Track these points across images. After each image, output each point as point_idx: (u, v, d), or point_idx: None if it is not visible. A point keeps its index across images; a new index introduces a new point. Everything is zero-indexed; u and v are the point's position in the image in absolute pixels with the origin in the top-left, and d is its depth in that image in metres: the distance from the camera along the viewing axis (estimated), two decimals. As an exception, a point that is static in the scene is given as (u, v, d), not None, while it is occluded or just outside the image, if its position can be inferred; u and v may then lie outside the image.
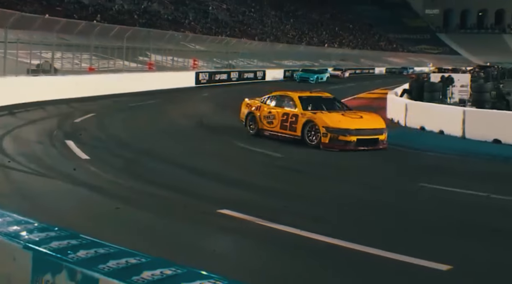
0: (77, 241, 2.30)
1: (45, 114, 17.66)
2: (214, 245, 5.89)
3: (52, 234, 2.40)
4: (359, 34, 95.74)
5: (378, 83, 43.23)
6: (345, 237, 6.04)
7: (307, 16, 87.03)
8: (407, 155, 12.91)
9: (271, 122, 13.85)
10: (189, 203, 7.55)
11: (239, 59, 47.15)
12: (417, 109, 17.99)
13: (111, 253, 2.13)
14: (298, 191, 8.56)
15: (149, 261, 2.05)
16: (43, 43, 24.14)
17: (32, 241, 2.34)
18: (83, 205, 7.29)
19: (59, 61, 25.46)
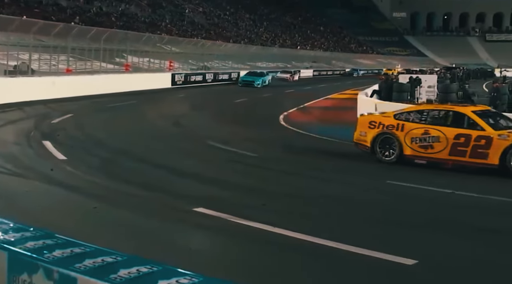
0: (53, 241, 2.25)
1: (22, 115, 17.38)
2: (190, 243, 5.86)
3: (27, 234, 2.35)
4: (331, 36, 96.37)
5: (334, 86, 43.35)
6: (316, 233, 6.06)
7: (280, 19, 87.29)
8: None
9: (430, 146, 10.72)
10: (166, 201, 7.50)
11: (214, 61, 47.03)
12: (386, 109, 18.10)
13: (87, 252, 2.09)
14: (273, 188, 8.56)
15: (125, 259, 2.02)
16: (20, 45, 23.76)
17: (7, 241, 2.28)
18: (60, 205, 7.18)
19: (37, 63, 25.10)
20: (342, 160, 11.92)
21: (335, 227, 6.56)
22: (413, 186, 9.02)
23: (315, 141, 14.73)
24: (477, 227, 6.77)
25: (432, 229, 6.60)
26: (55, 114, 17.42)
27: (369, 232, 6.43)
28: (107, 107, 21.00)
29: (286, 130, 16.87)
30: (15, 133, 13.40)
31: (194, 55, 42.82)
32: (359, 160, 11.94)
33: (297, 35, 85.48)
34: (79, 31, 28.11)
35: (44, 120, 15.97)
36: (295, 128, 17.06)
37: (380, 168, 11.02)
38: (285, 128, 17.41)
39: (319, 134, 15.79)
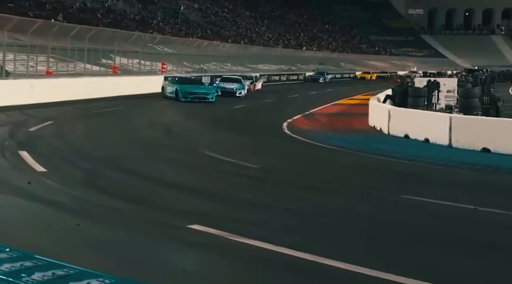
0: (32, 263, 2.23)
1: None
2: (185, 263, 5.83)
3: (3, 256, 2.33)
4: (339, 36, 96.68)
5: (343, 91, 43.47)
6: (319, 251, 6.04)
7: (283, 17, 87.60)
8: (389, 165, 13.01)
9: None
10: (157, 218, 7.47)
11: (211, 63, 47.16)
12: (400, 116, 18.19)
13: (71, 275, 2.08)
14: (276, 203, 8.54)
15: (113, 282, 2.00)
16: (-8, 43, 23.74)
17: (-20, 263, 2.26)
18: (39, 223, 7.15)
19: (12, 64, 25.12)
20: (352, 172, 11.91)
21: (344, 246, 6.53)
22: (431, 201, 9.00)
23: (322, 151, 14.74)
24: (502, 246, 6.74)
25: (451, 248, 6.56)
26: (33, 121, 17.42)
27: (380, 252, 6.40)
28: (92, 113, 21.02)
29: (290, 139, 16.89)
30: (-12, 142, 13.37)
31: (189, 57, 42.95)
32: (372, 172, 11.94)
33: (302, 34, 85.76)
34: (60, 28, 28.19)
35: (20, 128, 15.96)
36: (300, 137, 17.07)
37: (394, 181, 11.01)
38: (289, 136, 17.42)
39: (326, 143, 15.81)
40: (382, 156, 13.90)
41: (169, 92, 28.30)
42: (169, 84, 28.89)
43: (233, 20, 72.22)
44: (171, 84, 28.70)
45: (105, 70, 32.48)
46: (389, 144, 16.29)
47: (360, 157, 13.89)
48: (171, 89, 28.17)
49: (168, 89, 28.65)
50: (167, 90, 28.61)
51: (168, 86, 28.79)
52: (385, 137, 17.81)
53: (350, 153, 14.43)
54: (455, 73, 56.78)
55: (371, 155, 14.12)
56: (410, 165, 12.98)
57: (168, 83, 29.17)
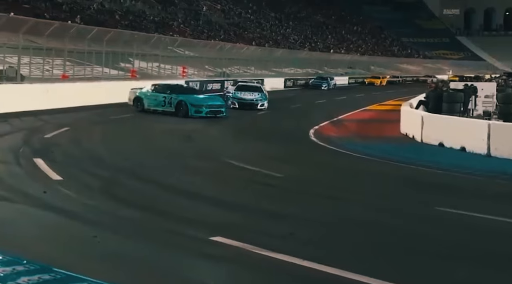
0: (50, 276, 2.25)
1: (9, 128, 17.60)
2: (207, 278, 5.85)
3: (20, 268, 2.35)
4: (369, 38, 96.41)
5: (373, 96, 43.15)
6: (347, 266, 6.02)
7: (310, 18, 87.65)
8: (422, 175, 12.91)
9: None
10: (178, 229, 7.50)
11: (234, 67, 47.33)
12: (435, 123, 18.05)
13: (89, 290, 2.10)
14: (302, 215, 8.53)
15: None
16: (7, 46, 24.09)
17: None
18: (54, 234, 7.23)
19: (27, 67, 25.45)
20: (383, 182, 11.84)
21: (373, 261, 6.49)
22: (468, 214, 8.90)
23: (350, 160, 14.69)
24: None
25: (490, 265, 6.48)
26: (49, 128, 17.63)
27: (411, 268, 6.37)
28: (109, 119, 21.21)
29: (316, 147, 16.86)
30: (0, 150, 13.56)
31: (211, 60, 43.15)
32: (404, 183, 11.85)
33: (330, 36, 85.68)
34: (77, 31, 28.54)
35: (36, 135, 16.17)
36: (327, 145, 17.04)
37: (428, 192, 10.92)
38: (315, 144, 17.39)
39: (355, 151, 15.76)
40: (415, 166, 13.80)
41: (156, 105, 22.96)
42: (153, 94, 23.30)
43: (257, 21, 72.47)
44: (157, 93, 23.18)
45: (123, 74, 32.77)
46: (422, 152, 16.17)
47: (391, 167, 13.81)
48: (160, 100, 22.85)
49: (151, 100, 23.19)
50: (150, 102, 23.21)
51: (152, 96, 23.25)
52: (418, 145, 17.67)
53: (380, 162, 14.35)
54: (494, 77, 56.18)
55: (402, 164, 14.03)
56: (445, 175, 12.86)
57: (152, 92, 23.42)
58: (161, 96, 23.06)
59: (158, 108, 23.02)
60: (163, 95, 23.01)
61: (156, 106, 23.11)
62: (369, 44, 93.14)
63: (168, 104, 22.67)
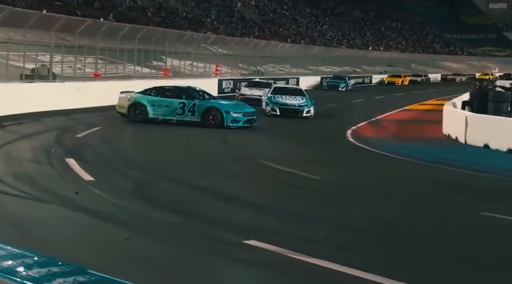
0: (85, 278, 2.30)
1: (41, 128, 17.91)
2: (241, 283, 5.87)
3: (55, 270, 2.41)
4: (410, 34, 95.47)
5: (412, 95, 42.64)
6: (386, 272, 5.99)
7: (348, 14, 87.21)
8: (466, 178, 12.75)
9: None
10: (211, 232, 7.55)
11: (269, 65, 47.32)
12: (480, 123, 17.80)
13: (125, 293, 2.13)
14: (339, 219, 8.51)
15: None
16: (39, 44, 24.42)
17: (32, 278, 2.35)
18: (86, 235, 7.34)
19: (59, 66, 25.80)
20: (424, 185, 11.72)
21: (414, 268, 6.44)
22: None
23: (390, 162, 14.58)
24: None
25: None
26: (80, 127, 17.88)
27: (454, 275, 6.30)
28: (141, 118, 21.37)
29: (354, 148, 16.77)
30: (33, 149, 13.82)
31: (245, 58, 43.19)
32: (446, 186, 11.72)
33: (369, 33, 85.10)
34: (109, 28, 28.82)
35: (67, 134, 16.42)
36: (366, 146, 16.94)
37: (473, 196, 10.79)
38: (353, 145, 17.30)
39: (394, 153, 15.63)
40: (458, 168, 13.63)
41: (169, 113, 19.10)
42: (163, 100, 19.28)
43: (293, 18, 72.37)
44: (168, 99, 19.29)
45: (156, 72, 33.02)
46: (466, 154, 15.96)
47: (432, 169, 13.67)
48: (175, 107, 18.98)
49: (160, 107, 19.19)
50: (158, 110, 19.20)
51: (162, 103, 19.22)
52: (462, 146, 17.45)
53: (421, 164, 14.21)
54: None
55: (445, 166, 13.86)
56: (490, 178, 12.69)
57: (159, 97, 19.40)
58: (176, 102, 18.99)
59: (171, 118, 19.04)
60: (179, 101, 18.98)
61: (169, 115, 19.05)
62: (410, 41, 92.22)
63: (189, 112, 18.85)
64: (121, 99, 19.84)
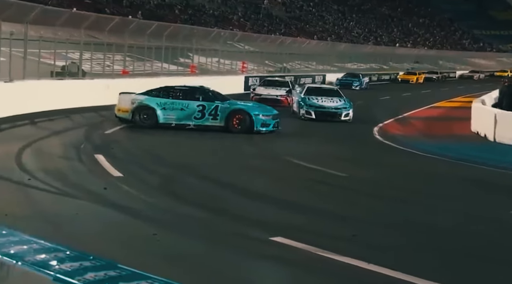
0: (116, 272, 2.33)
1: (71, 124, 18.12)
2: (267, 280, 5.88)
3: (87, 264, 2.44)
4: (437, 31, 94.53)
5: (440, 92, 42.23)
6: (414, 271, 5.95)
7: (375, 10, 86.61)
8: (495, 176, 12.60)
9: None
10: (238, 229, 7.58)
11: (295, 62, 47.24)
12: (509, 121, 17.57)
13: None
14: (365, 217, 8.48)
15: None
16: (69, 42, 24.68)
17: (64, 271, 2.38)
18: (114, 231, 7.41)
19: (88, 63, 26.06)
20: (453, 183, 11.63)
21: (443, 266, 6.39)
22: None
23: (417, 159, 14.48)
24: None
25: None
26: (109, 124, 18.02)
27: (482, 275, 6.23)
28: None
29: (381, 145, 16.68)
30: (63, 146, 13.99)
31: (271, 55, 43.18)
32: (475, 184, 11.61)
33: (396, 29, 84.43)
34: (137, 26, 29.00)
35: (96, 131, 16.59)
36: (393, 143, 16.84)
37: (502, 195, 10.67)
38: (380, 142, 17.21)
39: (421, 150, 15.53)
40: (487, 166, 13.49)
41: (185, 117, 17.00)
42: (176, 102, 17.10)
43: (319, 14, 72.11)
44: (182, 100, 17.11)
45: (183, 69, 33.17)
46: (494, 152, 15.78)
47: (460, 167, 13.55)
48: (193, 109, 16.95)
49: (173, 111, 17.02)
50: (171, 114, 17.02)
51: (175, 105, 17.05)
52: (491, 144, 17.26)
53: (448, 162, 14.09)
54: None
55: (473, 164, 13.73)
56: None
57: (170, 99, 17.20)
58: (193, 104, 17.00)
59: (188, 122, 16.97)
60: (197, 103, 17.01)
61: (185, 119, 16.98)
62: (438, 37, 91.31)
63: (210, 115, 16.91)
64: (123, 101, 17.36)
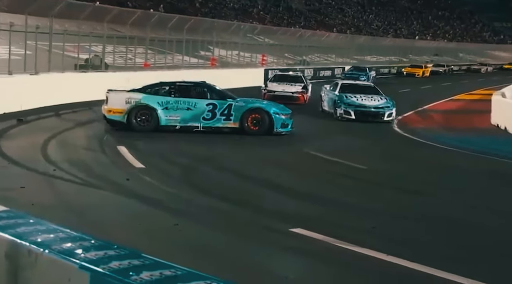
0: (140, 261, 2.36)
1: (94, 116, 18.18)
2: (287, 270, 5.90)
3: (111, 253, 2.48)
4: (457, 23, 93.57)
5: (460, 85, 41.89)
6: (434, 263, 5.93)
7: (394, 3, 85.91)
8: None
9: None
10: (258, 220, 7.61)
11: (315, 54, 47.09)
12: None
13: (178, 276, 2.18)
14: (385, 209, 8.46)
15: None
16: (92, 35, 24.85)
17: (89, 260, 2.42)
18: (136, 221, 7.46)
19: (111, 56, 26.21)
20: (472, 177, 11.55)
21: (463, 259, 6.36)
22: None
23: (437, 152, 14.39)
24: None
25: None
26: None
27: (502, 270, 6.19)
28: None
29: (401, 138, 16.60)
30: (86, 137, 14.12)
31: (291, 48, 43.09)
32: (495, 177, 11.51)
33: (415, 22, 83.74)
34: (158, 19, 29.08)
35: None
36: (412, 136, 16.75)
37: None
38: (399, 135, 17.12)
39: (441, 143, 15.43)
40: (507, 159, 13.36)
41: (191, 118, 14.64)
42: (180, 100, 14.69)
43: (339, 7, 71.74)
44: (189, 99, 14.76)
45: (203, 62, 33.24)
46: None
47: (481, 160, 13.44)
48: (202, 109, 14.64)
49: (177, 111, 14.65)
50: (174, 114, 14.62)
51: (180, 104, 14.68)
52: (511, 137, 17.10)
53: (468, 155, 13.99)
54: None
55: (494, 157, 13.61)
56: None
57: (172, 97, 14.78)
58: (202, 102, 14.69)
59: (195, 124, 14.64)
60: (207, 101, 14.73)
61: (192, 120, 14.63)
62: (458, 30, 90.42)
63: (222, 115, 14.69)
64: (114, 100, 14.64)
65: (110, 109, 14.66)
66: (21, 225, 2.80)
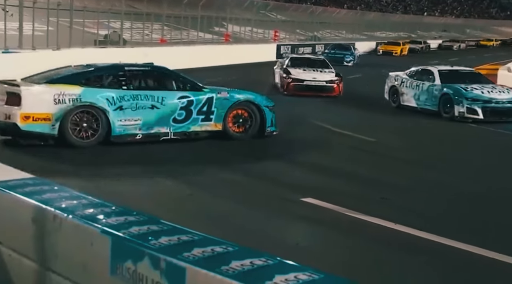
0: (158, 227, 2.39)
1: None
2: (298, 237, 5.93)
3: (131, 219, 2.51)
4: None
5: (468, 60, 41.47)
6: (444, 232, 5.93)
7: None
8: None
9: None
10: (269, 189, 7.64)
11: (325, 31, 46.74)
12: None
13: (195, 241, 2.21)
14: (394, 180, 8.45)
15: (236, 250, 2.11)
16: (111, 12, 24.84)
17: (110, 225, 2.45)
18: (152, 190, 7.51)
19: (128, 32, 26.19)
20: (487, 150, 11.47)
21: (467, 228, 6.36)
22: None
23: (443, 126, 14.27)
24: None
25: None
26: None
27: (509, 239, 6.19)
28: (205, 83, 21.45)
29: (409, 112, 16.48)
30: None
31: (302, 24, 42.82)
32: (496, 152, 11.45)
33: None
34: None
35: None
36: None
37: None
38: (407, 109, 16.99)
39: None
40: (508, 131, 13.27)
41: (148, 122, 9.78)
42: (128, 97, 9.63)
43: (350, -16, 70.88)
44: (140, 95, 9.76)
45: (217, 38, 33.15)
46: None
47: (491, 134, 13.28)
48: (157, 111, 9.84)
49: (122, 112, 9.53)
50: (125, 117, 9.59)
51: (124, 103, 9.57)
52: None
53: (477, 128, 13.86)
54: None
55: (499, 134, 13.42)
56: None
57: (120, 95, 9.58)
58: (171, 96, 10.02)
59: (163, 128, 9.98)
60: (179, 94, 10.15)
61: (158, 125, 9.94)
62: (465, 6, 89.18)
63: (200, 114, 10.30)
64: (34, 99, 9.14)
65: (28, 115, 9.00)
66: (46, 192, 2.84)
